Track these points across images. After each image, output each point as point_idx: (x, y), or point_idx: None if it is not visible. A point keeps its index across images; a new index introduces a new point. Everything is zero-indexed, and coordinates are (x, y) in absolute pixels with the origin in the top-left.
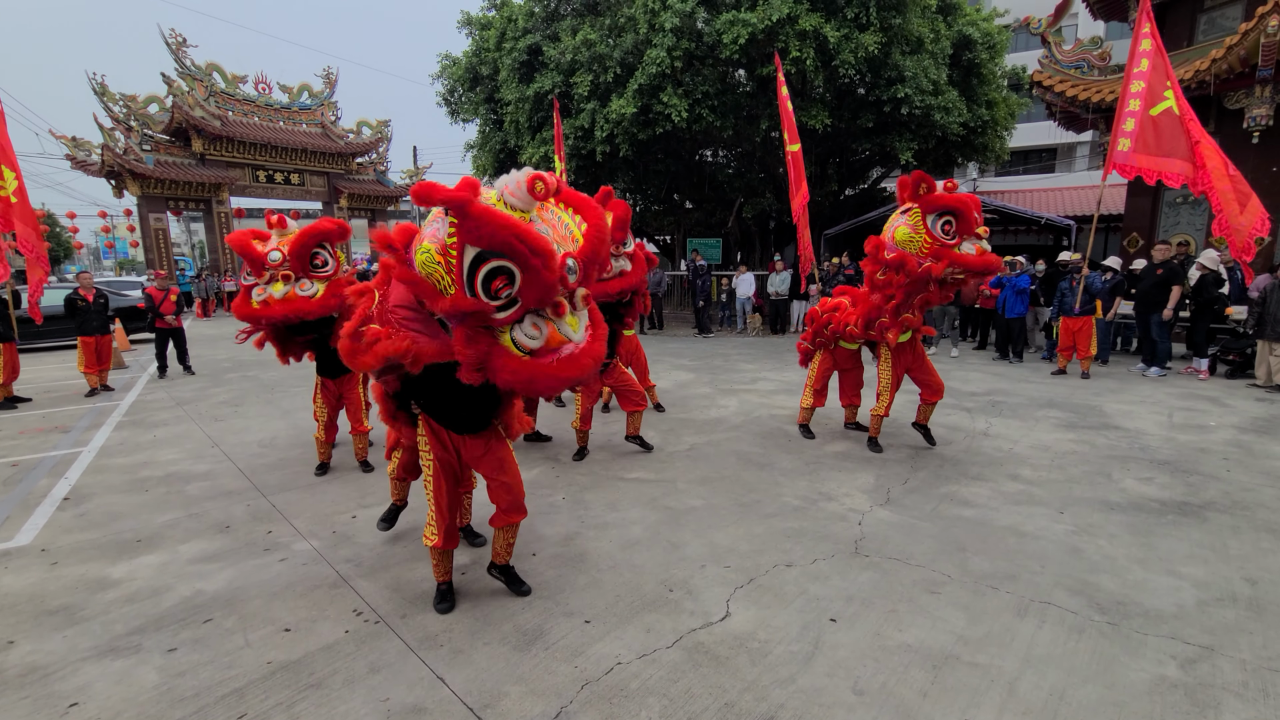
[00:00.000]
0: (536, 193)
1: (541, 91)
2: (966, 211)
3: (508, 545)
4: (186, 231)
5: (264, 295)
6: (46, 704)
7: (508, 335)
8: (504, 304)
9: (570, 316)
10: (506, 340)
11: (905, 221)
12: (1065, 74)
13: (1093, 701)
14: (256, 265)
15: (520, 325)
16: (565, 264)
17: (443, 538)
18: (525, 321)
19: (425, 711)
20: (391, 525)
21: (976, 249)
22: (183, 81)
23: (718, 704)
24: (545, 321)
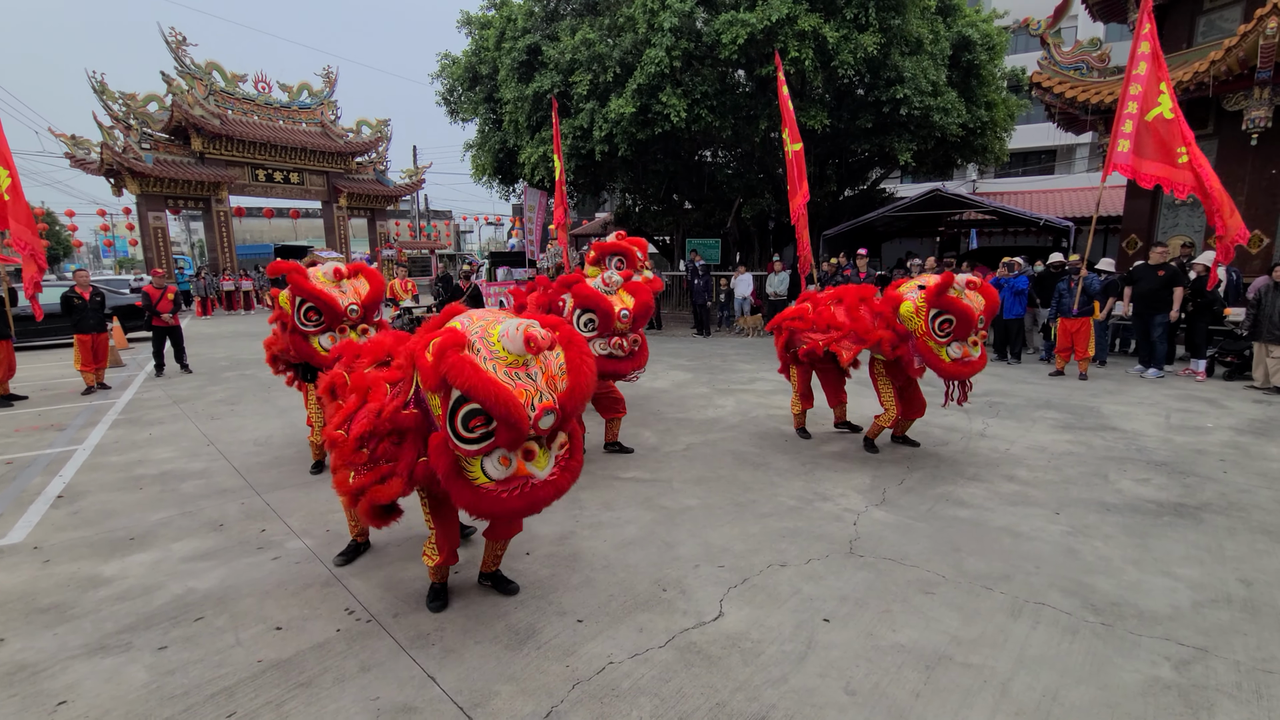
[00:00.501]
0: (530, 349)
1: (541, 91)
2: (969, 320)
3: (496, 557)
4: (186, 230)
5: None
6: (35, 702)
7: (477, 464)
8: (478, 439)
9: (540, 457)
10: (475, 468)
11: (914, 300)
12: (1064, 75)
13: (1086, 703)
14: (336, 319)
15: (490, 457)
16: (543, 414)
17: (445, 555)
18: (495, 455)
19: (415, 710)
20: (350, 561)
21: (963, 353)
22: (182, 80)
23: (709, 704)
24: (515, 456)
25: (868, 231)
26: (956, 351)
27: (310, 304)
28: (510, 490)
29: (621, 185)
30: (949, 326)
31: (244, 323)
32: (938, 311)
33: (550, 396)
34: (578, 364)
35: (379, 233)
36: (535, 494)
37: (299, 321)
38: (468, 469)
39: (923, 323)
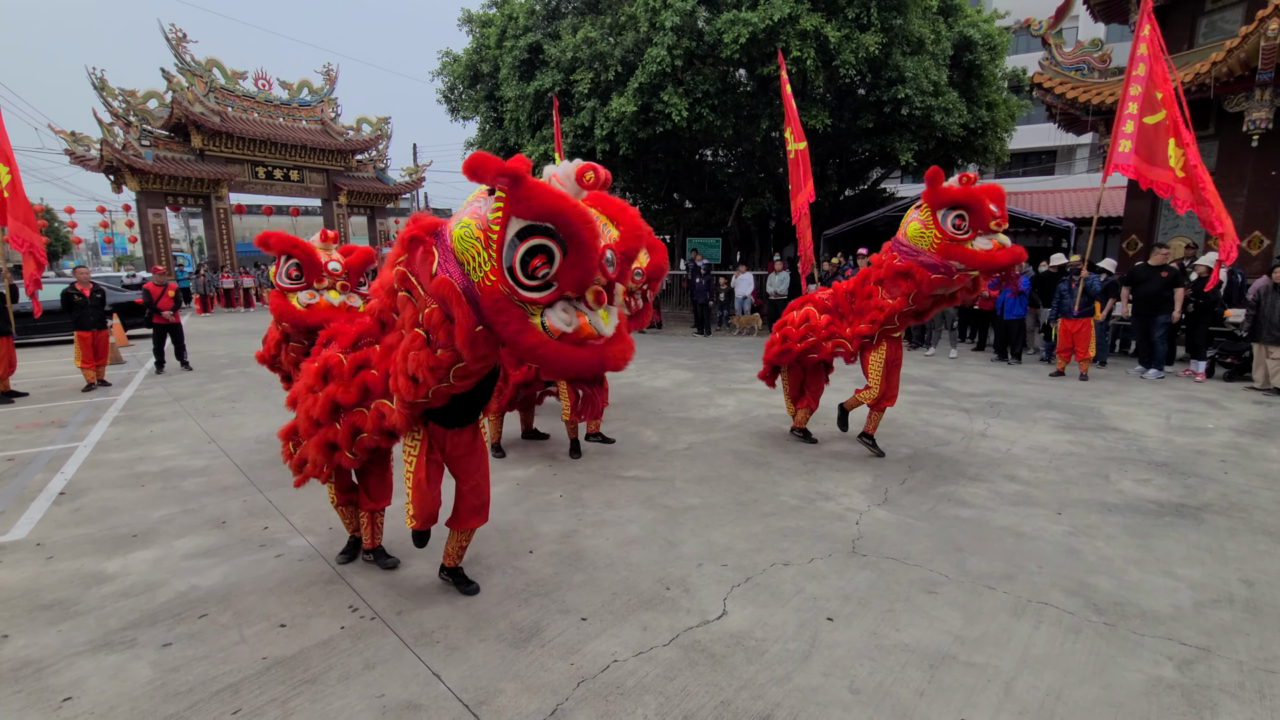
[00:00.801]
0: (585, 182)
1: (542, 89)
2: (978, 205)
3: (460, 549)
4: (185, 227)
5: (314, 300)
6: (40, 698)
7: (539, 317)
8: (540, 285)
9: (604, 310)
10: (536, 321)
11: (917, 217)
12: (1065, 76)
13: (1089, 702)
14: (315, 271)
15: (553, 309)
16: (604, 254)
17: (420, 519)
18: (558, 306)
19: (420, 708)
20: (353, 558)
21: (993, 244)
22: (182, 77)
23: (714, 702)
24: (577, 312)
25: (868, 231)
26: (985, 243)
27: (293, 258)
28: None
29: (622, 184)
30: (963, 220)
31: (244, 320)
32: (945, 210)
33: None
34: (625, 215)
35: (379, 231)
36: (606, 350)
37: (281, 280)
38: (532, 318)
39: (936, 230)
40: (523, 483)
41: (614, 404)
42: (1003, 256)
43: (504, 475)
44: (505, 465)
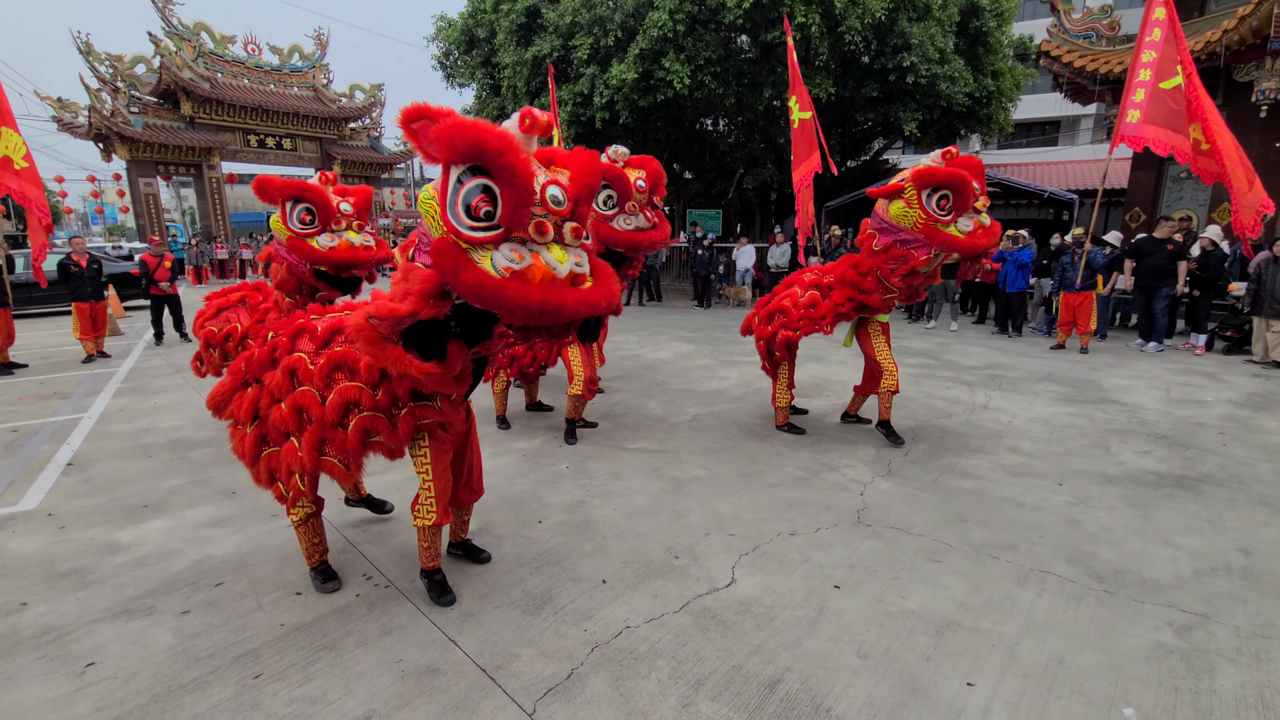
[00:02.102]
0: (524, 126)
1: (540, 55)
2: (963, 186)
3: (463, 523)
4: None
5: (335, 241)
6: (64, 663)
7: (487, 258)
8: (486, 225)
9: (556, 246)
10: (485, 262)
11: (901, 195)
12: (1073, 44)
13: (1091, 666)
14: (328, 212)
15: (500, 250)
16: (548, 190)
17: (440, 512)
18: (505, 247)
19: (439, 672)
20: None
21: (974, 224)
22: (170, 41)
23: (725, 666)
24: (529, 251)
25: (870, 203)
26: (967, 224)
27: (303, 201)
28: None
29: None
30: (947, 201)
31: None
32: (930, 190)
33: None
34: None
35: (374, 202)
36: (559, 288)
37: (295, 227)
38: (478, 260)
39: (919, 210)
40: (529, 454)
41: (617, 375)
42: (983, 239)
43: (510, 447)
44: (510, 437)
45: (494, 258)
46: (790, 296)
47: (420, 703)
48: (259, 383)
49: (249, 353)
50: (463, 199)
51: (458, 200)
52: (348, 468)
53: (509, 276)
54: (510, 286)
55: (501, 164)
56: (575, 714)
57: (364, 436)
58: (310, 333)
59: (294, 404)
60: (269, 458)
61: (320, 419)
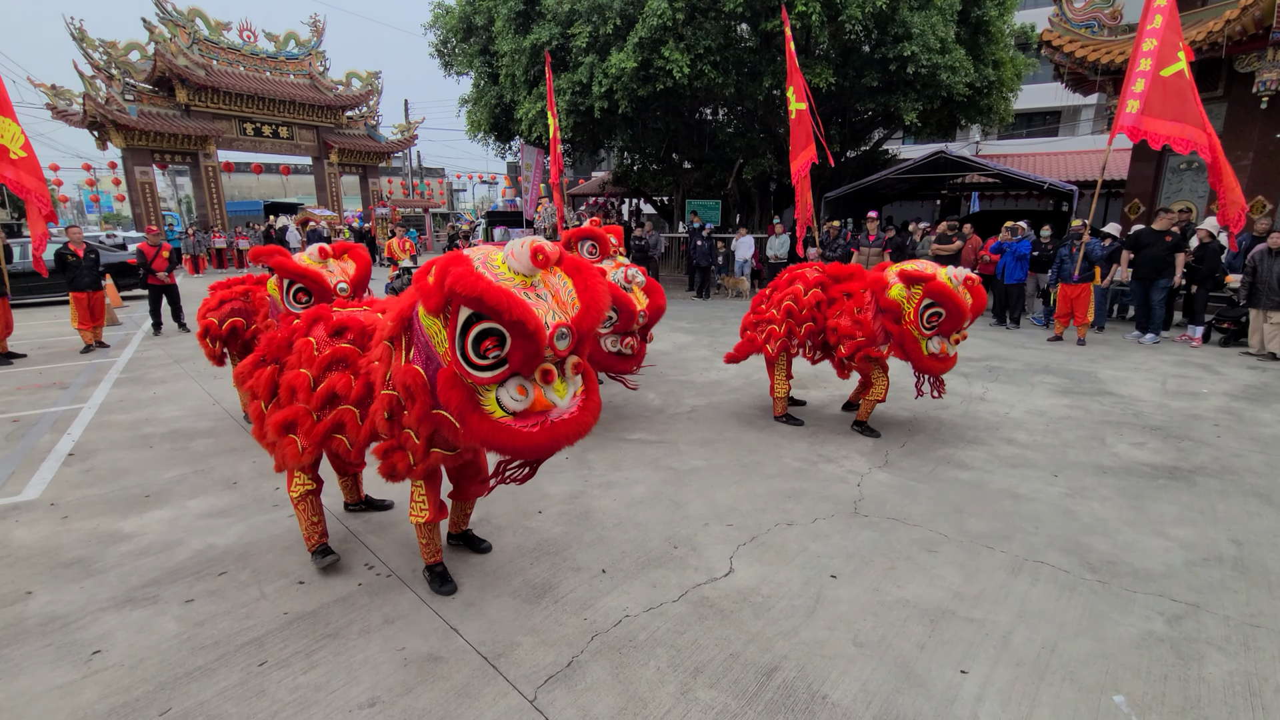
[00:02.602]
0: (538, 261)
1: (538, 43)
2: (959, 317)
3: (465, 516)
4: (172, 185)
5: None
6: (70, 651)
7: (492, 395)
8: (491, 364)
9: (559, 383)
10: (490, 401)
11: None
12: (1075, 33)
13: (1083, 654)
14: (324, 295)
15: (505, 386)
16: (557, 332)
17: (432, 509)
18: (510, 384)
19: (441, 660)
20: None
21: (941, 349)
22: (164, 27)
23: (724, 654)
24: (532, 385)
25: (869, 194)
26: (935, 347)
27: (299, 285)
28: (529, 425)
29: (621, 143)
30: (937, 320)
31: None
32: (930, 302)
33: (563, 315)
34: (586, 285)
35: (371, 191)
36: (557, 429)
37: (288, 304)
38: (483, 401)
39: (912, 311)
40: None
41: None
42: (940, 367)
43: None
44: None
45: (499, 395)
46: (794, 295)
47: (423, 690)
48: (277, 363)
49: (271, 334)
50: (472, 341)
51: (467, 342)
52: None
53: (512, 419)
54: (514, 439)
55: (521, 330)
56: (576, 701)
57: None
58: (325, 322)
59: (289, 383)
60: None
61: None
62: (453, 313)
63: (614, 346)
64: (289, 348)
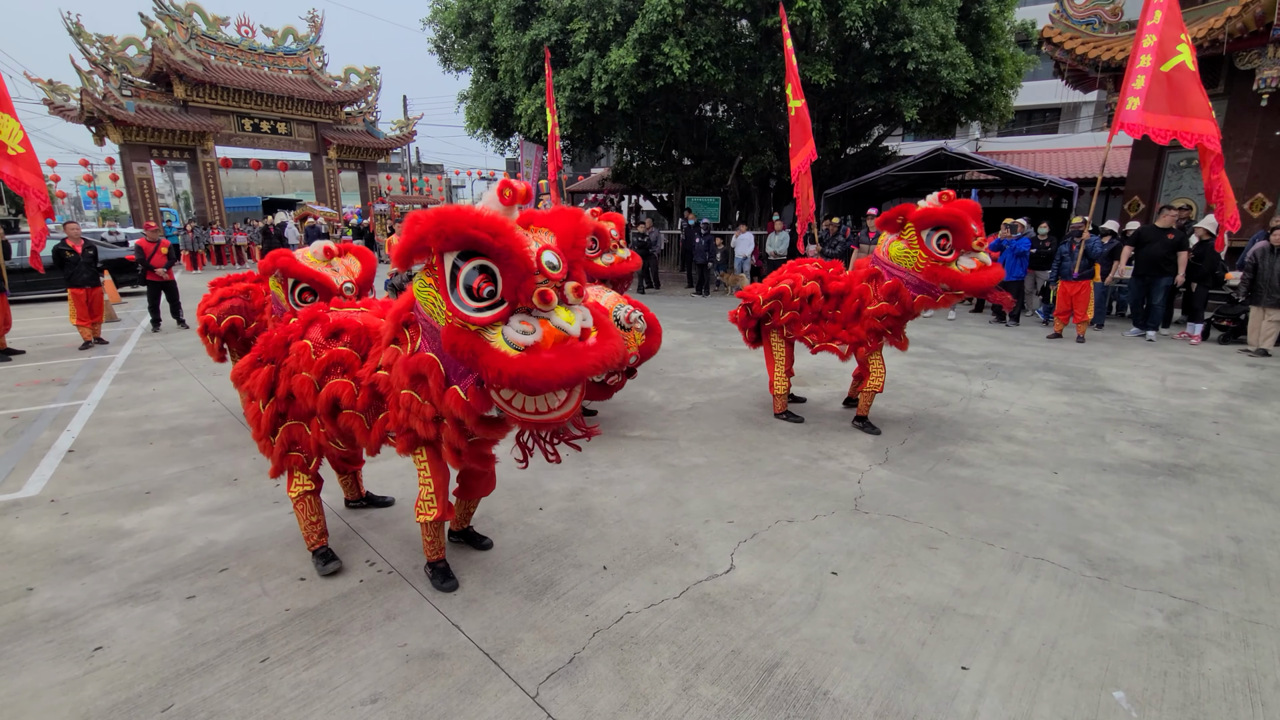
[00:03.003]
0: (505, 198)
1: (538, 39)
2: (962, 225)
3: (468, 514)
4: (170, 182)
5: None
6: (71, 648)
7: (499, 336)
8: (489, 302)
9: (562, 309)
10: (499, 340)
11: (900, 236)
12: (1076, 30)
13: (1083, 651)
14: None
15: (510, 324)
16: (544, 255)
17: (441, 508)
18: (514, 320)
19: (443, 656)
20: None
21: (976, 263)
22: (162, 23)
23: (725, 651)
24: (536, 319)
25: (869, 191)
26: (970, 262)
27: (304, 285)
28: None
29: (620, 140)
30: (947, 241)
31: None
32: (930, 230)
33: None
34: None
35: (370, 187)
36: (578, 355)
37: (293, 305)
38: (492, 341)
39: (920, 251)
40: None
41: None
42: (987, 277)
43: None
44: None
45: (505, 333)
46: (795, 280)
47: (425, 686)
48: (274, 363)
49: (267, 333)
50: (463, 283)
51: (458, 285)
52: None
53: (526, 352)
54: (532, 366)
55: (498, 248)
56: (578, 697)
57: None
58: (322, 323)
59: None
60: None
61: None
62: (439, 266)
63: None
64: (285, 348)
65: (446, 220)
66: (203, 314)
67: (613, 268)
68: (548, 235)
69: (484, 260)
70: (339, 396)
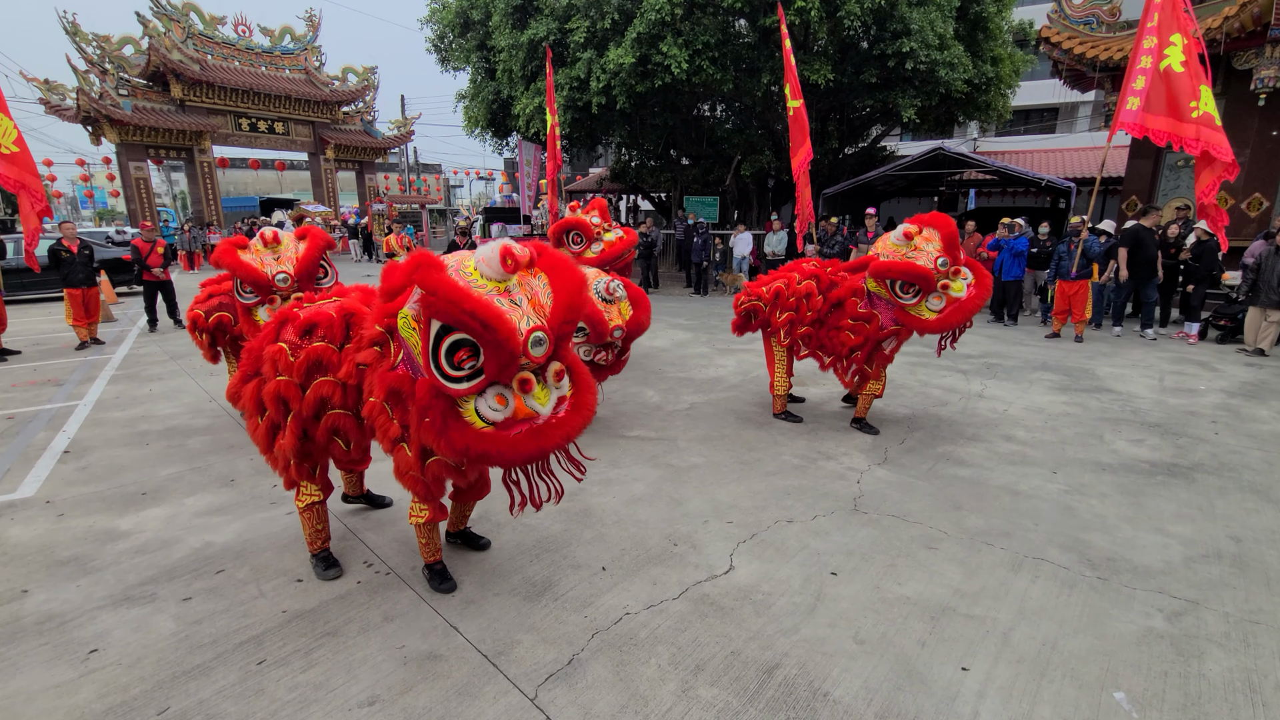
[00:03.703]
0: (507, 266)
1: (536, 38)
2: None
3: (464, 517)
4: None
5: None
6: (67, 650)
7: (471, 406)
8: (468, 375)
9: (540, 390)
10: (470, 412)
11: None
12: (1074, 30)
13: (1083, 651)
14: (263, 288)
15: (484, 397)
16: (531, 337)
17: (433, 510)
18: (489, 394)
19: (441, 658)
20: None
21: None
22: (158, 22)
23: (724, 652)
24: (512, 394)
25: (867, 190)
26: (937, 304)
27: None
28: (512, 432)
29: (618, 139)
30: (910, 288)
31: None
32: (891, 282)
33: (538, 320)
34: (563, 283)
35: (368, 186)
36: (543, 435)
37: (238, 294)
38: (463, 412)
39: (889, 295)
40: None
41: None
42: (955, 316)
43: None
44: None
45: (478, 406)
46: (790, 280)
47: (423, 688)
48: (259, 375)
49: (248, 344)
50: (445, 352)
51: (440, 353)
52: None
53: (494, 429)
54: (498, 445)
55: (489, 340)
56: (577, 699)
57: (330, 434)
58: (293, 323)
59: (275, 393)
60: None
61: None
62: (424, 323)
63: (587, 355)
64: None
65: (440, 294)
66: (192, 311)
67: (604, 254)
68: (545, 289)
69: (468, 336)
70: (326, 397)
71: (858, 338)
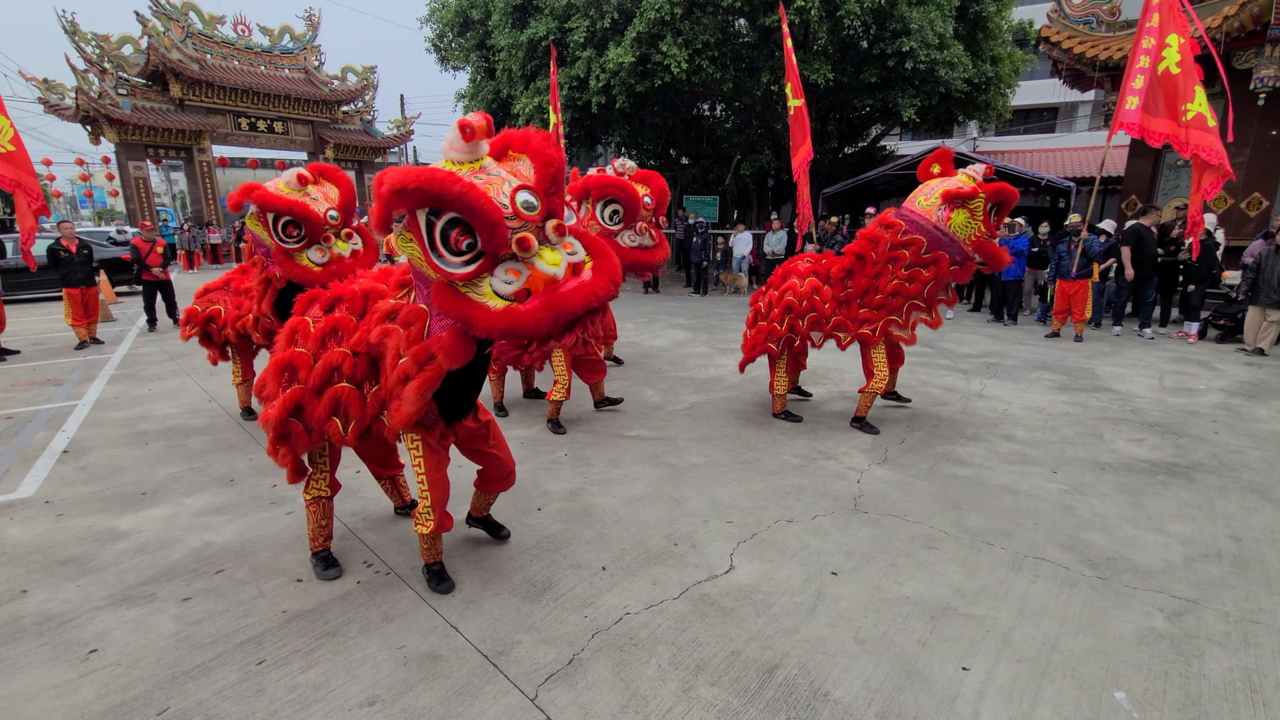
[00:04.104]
0: (467, 135)
1: (535, 38)
2: (1011, 203)
3: (487, 504)
4: (166, 181)
5: (326, 257)
6: (66, 650)
7: (487, 288)
8: (469, 255)
9: (546, 250)
10: (487, 293)
11: (965, 206)
12: (1073, 30)
13: (1083, 651)
14: (315, 227)
15: (495, 274)
16: (517, 195)
17: (438, 521)
18: (499, 270)
19: (441, 658)
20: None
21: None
22: (158, 21)
23: (725, 652)
24: (523, 265)
25: (867, 190)
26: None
27: (286, 218)
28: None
29: (618, 139)
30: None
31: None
32: (996, 205)
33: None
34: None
35: (367, 186)
36: (566, 296)
37: (279, 238)
38: (479, 294)
39: (981, 225)
40: (527, 441)
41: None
42: (1005, 254)
43: (508, 434)
44: (508, 424)
45: (493, 284)
46: (791, 289)
47: (423, 688)
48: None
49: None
50: (440, 239)
51: (435, 241)
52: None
53: (514, 301)
54: (517, 318)
55: (460, 205)
56: (577, 699)
57: (333, 408)
58: (319, 301)
59: (282, 363)
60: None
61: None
62: (414, 223)
63: (633, 240)
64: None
65: (399, 182)
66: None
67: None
68: (525, 164)
69: (453, 213)
70: (335, 366)
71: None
